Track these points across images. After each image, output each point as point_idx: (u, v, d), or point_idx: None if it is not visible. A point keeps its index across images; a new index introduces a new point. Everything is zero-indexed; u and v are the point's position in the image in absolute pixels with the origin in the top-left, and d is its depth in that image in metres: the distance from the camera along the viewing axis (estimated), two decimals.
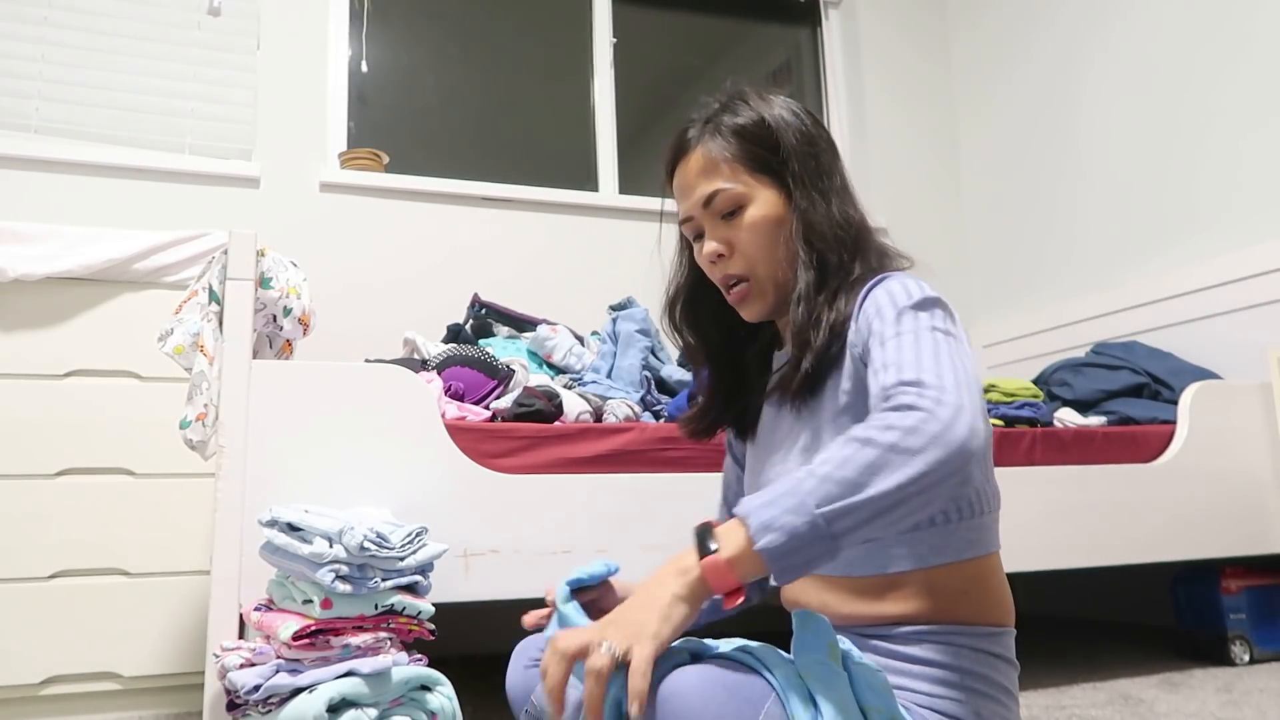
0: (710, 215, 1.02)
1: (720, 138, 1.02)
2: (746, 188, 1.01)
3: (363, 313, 2.76)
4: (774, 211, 1.01)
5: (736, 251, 1.01)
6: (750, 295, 1.03)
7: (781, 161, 1.01)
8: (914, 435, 0.73)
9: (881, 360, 0.84)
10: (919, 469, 0.72)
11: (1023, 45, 3.35)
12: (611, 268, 3.09)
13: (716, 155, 1.01)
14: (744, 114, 1.03)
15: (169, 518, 2.03)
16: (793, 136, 1.02)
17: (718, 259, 1.02)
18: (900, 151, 3.59)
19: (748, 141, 1.02)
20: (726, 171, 1.01)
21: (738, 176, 1.01)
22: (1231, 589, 2.19)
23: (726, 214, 1.01)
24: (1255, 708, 1.71)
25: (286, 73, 2.89)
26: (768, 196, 1.01)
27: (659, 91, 3.56)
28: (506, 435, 1.69)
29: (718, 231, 1.02)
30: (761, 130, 1.02)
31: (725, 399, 1.13)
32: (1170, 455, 2.14)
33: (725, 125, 1.02)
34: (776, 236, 1.00)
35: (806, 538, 0.72)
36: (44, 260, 2.01)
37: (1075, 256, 3.09)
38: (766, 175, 1.01)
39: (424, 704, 1.36)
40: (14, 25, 2.64)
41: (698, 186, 1.02)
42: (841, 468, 0.73)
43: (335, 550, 1.30)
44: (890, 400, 0.78)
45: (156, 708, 2.01)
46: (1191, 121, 2.70)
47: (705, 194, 1.01)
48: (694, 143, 1.04)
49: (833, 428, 0.95)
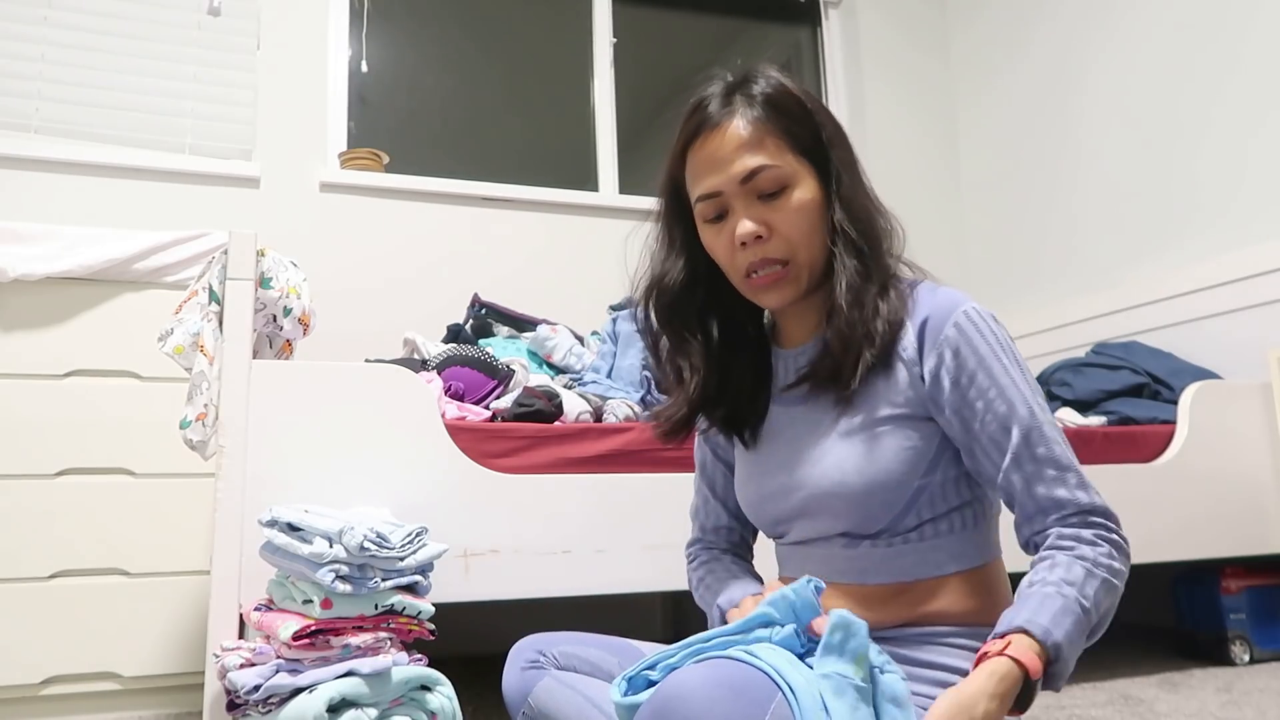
0: (746, 192, 0.94)
1: (758, 108, 0.95)
2: (791, 168, 0.95)
3: (363, 313, 2.75)
4: (816, 196, 0.96)
5: (776, 234, 0.94)
6: (784, 280, 0.96)
7: (824, 146, 0.97)
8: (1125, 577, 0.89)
9: (1050, 456, 0.89)
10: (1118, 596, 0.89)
11: (1022, 45, 3.35)
12: (611, 268, 3.08)
13: (759, 127, 0.94)
14: (774, 88, 0.97)
15: (169, 518, 2.03)
16: (830, 123, 0.99)
17: (754, 241, 0.94)
18: (900, 151, 3.59)
19: (789, 119, 0.96)
20: (772, 147, 0.94)
21: (783, 155, 0.94)
22: (1231, 589, 2.19)
23: (769, 194, 0.94)
24: (1255, 708, 1.71)
25: (286, 73, 2.89)
26: (809, 181, 0.96)
27: (659, 91, 3.56)
28: (506, 435, 1.69)
29: (754, 211, 0.94)
30: (802, 111, 0.97)
31: (708, 399, 1.05)
32: (1170, 455, 2.14)
33: (759, 96, 0.96)
34: (818, 222, 0.96)
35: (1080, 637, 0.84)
36: (44, 260, 2.01)
37: (1075, 256, 3.09)
38: (806, 158, 0.96)
39: (424, 704, 1.36)
40: (14, 25, 2.64)
41: (737, 159, 0.94)
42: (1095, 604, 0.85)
43: (335, 550, 1.30)
44: (1109, 537, 0.88)
45: (156, 708, 2.01)
46: (1191, 121, 2.70)
47: (748, 168, 0.93)
48: (725, 113, 0.95)
49: (870, 435, 0.93)
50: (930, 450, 0.93)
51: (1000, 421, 0.89)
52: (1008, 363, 0.91)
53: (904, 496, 0.92)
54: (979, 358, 0.91)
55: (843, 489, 0.93)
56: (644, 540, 1.68)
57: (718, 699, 0.72)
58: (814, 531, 0.99)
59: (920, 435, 0.93)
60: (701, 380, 1.05)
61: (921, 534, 0.93)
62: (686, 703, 0.72)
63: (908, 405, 0.93)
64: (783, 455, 1.01)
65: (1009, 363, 0.91)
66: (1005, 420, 0.89)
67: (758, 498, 1.04)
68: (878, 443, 0.93)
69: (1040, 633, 0.80)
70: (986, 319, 0.93)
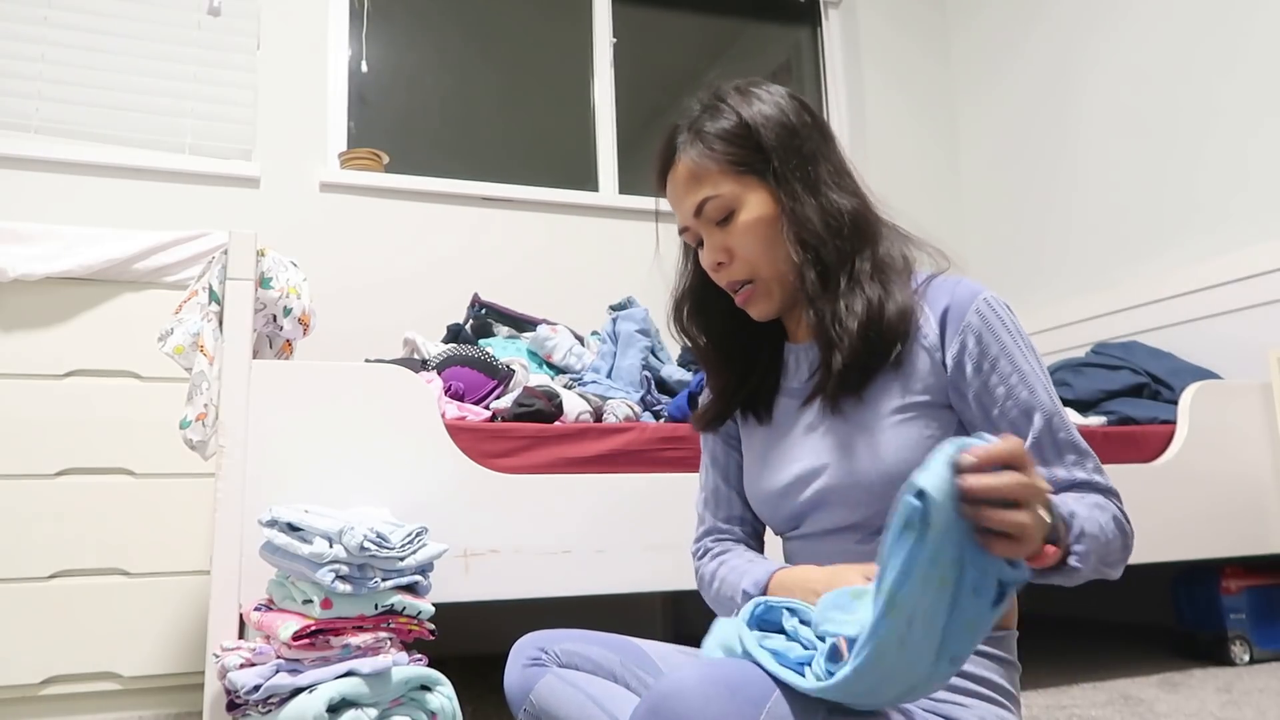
0: (704, 223, 1.01)
1: (701, 144, 1.00)
2: (734, 192, 0.99)
3: (363, 313, 2.75)
4: (766, 212, 0.99)
5: (736, 257, 1.00)
6: (756, 296, 1.02)
7: (764, 160, 0.99)
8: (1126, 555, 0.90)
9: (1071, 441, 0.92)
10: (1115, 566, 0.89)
11: (1022, 45, 3.35)
12: (611, 268, 3.09)
13: (700, 163, 1.00)
14: (724, 116, 1.00)
15: (169, 518, 2.03)
16: (772, 133, 0.99)
17: (718, 267, 1.01)
18: (900, 151, 3.59)
19: (729, 144, 0.99)
20: (713, 178, 0.99)
21: (724, 182, 0.99)
22: (1231, 589, 2.19)
23: (720, 220, 1.00)
24: (1255, 708, 1.71)
25: (286, 73, 2.89)
26: (758, 198, 0.99)
27: (659, 91, 3.56)
28: (506, 435, 1.69)
29: (714, 238, 1.01)
30: (742, 131, 0.99)
31: (734, 390, 1.11)
32: (1170, 455, 2.14)
33: (706, 130, 1.00)
34: (773, 236, 0.99)
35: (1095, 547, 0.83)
36: (44, 260, 2.01)
37: (1075, 256, 3.09)
38: (752, 176, 0.99)
39: (424, 704, 1.36)
40: (14, 25, 2.64)
41: (686, 197, 1.01)
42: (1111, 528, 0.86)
43: (335, 550, 1.30)
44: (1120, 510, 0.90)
45: (156, 708, 2.01)
46: (1191, 121, 2.70)
47: (695, 204, 1.00)
48: (678, 151, 1.02)
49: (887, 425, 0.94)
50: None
51: (1022, 407, 0.92)
52: (1027, 351, 0.94)
53: None
54: (1001, 344, 0.93)
55: (857, 479, 0.94)
56: (644, 540, 1.68)
57: (714, 697, 0.72)
58: (828, 524, 0.99)
59: (939, 424, 0.95)
60: (729, 373, 1.11)
61: None
62: (684, 701, 0.72)
63: (928, 393, 0.95)
64: (796, 449, 1.03)
65: (1028, 351, 0.94)
66: (1028, 406, 0.92)
67: (770, 491, 1.05)
68: (895, 432, 0.94)
69: (1066, 513, 0.80)
70: (1005, 308, 0.96)
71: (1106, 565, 0.86)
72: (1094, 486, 0.91)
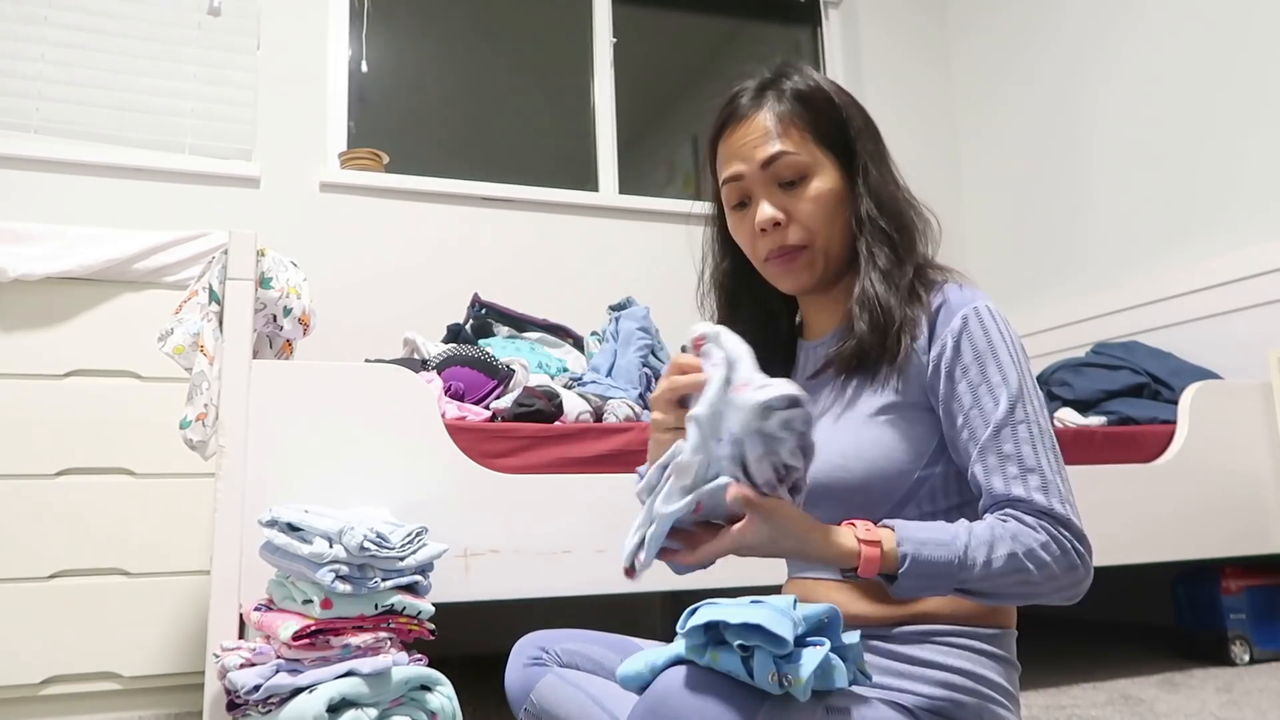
0: (767, 179, 0.98)
1: (786, 102, 0.99)
2: (812, 158, 0.98)
3: (363, 312, 2.75)
4: (837, 187, 0.99)
5: (795, 221, 0.98)
6: (801, 265, 0.99)
7: (850, 139, 1.00)
8: (1066, 584, 0.86)
9: (1016, 454, 0.88)
10: (1047, 596, 0.86)
11: (1022, 45, 3.35)
12: (611, 268, 3.09)
13: (784, 119, 0.98)
14: (805, 84, 1.00)
15: (169, 518, 2.03)
16: (858, 116, 1.01)
17: (773, 227, 0.98)
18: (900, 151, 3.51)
19: (815, 112, 0.99)
20: (795, 137, 0.98)
21: (805, 145, 0.98)
22: (1231, 589, 2.19)
23: (787, 182, 0.98)
24: (1255, 708, 1.71)
25: (286, 73, 2.89)
26: (831, 171, 0.99)
27: (659, 91, 3.56)
28: (506, 435, 1.69)
29: (775, 197, 0.98)
30: (827, 104, 1.00)
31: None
32: (1170, 455, 2.14)
33: (789, 91, 0.99)
34: (838, 212, 0.99)
35: (941, 575, 0.83)
36: (44, 260, 2.01)
37: (1075, 257, 3.09)
38: (830, 150, 0.99)
39: (424, 704, 1.36)
40: (14, 25, 2.64)
41: (762, 146, 0.97)
42: (1002, 562, 0.83)
43: (335, 550, 1.30)
44: (1055, 536, 0.85)
45: (156, 708, 2.01)
46: (1191, 121, 2.70)
47: (768, 154, 0.97)
48: (754, 105, 0.99)
49: (872, 423, 0.95)
50: (933, 442, 0.95)
51: (982, 417, 0.90)
52: (1005, 362, 0.91)
53: (904, 485, 0.93)
54: (976, 353, 0.92)
55: (845, 474, 0.95)
56: None
57: (710, 695, 0.73)
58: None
59: (925, 425, 0.95)
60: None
61: None
62: (682, 699, 0.73)
63: (913, 394, 0.95)
64: None
65: (1007, 362, 0.91)
66: (986, 415, 0.90)
67: None
68: (882, 430, 0.95)
69: (902, 532, 0.83)
70: (996, 318, 0.94)
71: (993, 596, 0.85)
72: (1030, 505, 0.86)
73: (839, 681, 0.76)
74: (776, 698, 0.74)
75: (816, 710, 0.77)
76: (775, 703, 0.74)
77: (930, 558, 0.82)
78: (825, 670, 0.74)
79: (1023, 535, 0.84)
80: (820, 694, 0.77)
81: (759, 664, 0.73)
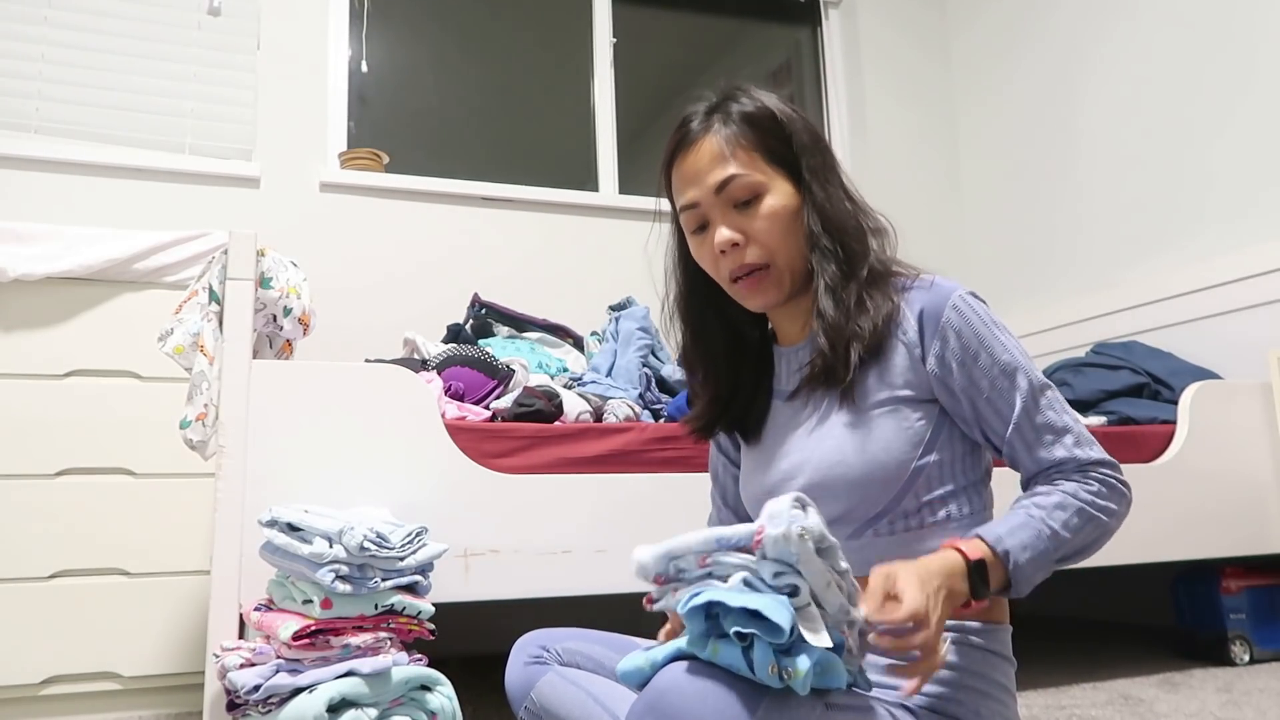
0: (722, 202, 1.00)
1: (733, 125, 1.00)
2: (764, 176, 0.99)
3: (363, 312, 2.75)
4: (790, 202, 1.00)
5: (753, 241, 0.99)
6: (766, 284, 1.01)
7: (795, 154, 1.01)
8: (1124, 513, 0.96)
9: (1046, 422, 0.95)
10: (1115, 531, 0.96)
11: (1023, 45, 3.35)
12: (611, 268, 3.09)
13: (731, 142, 1.00)
14: (752, 105, 1.02)
15: (169, 518, 2.03)
16: (803, 132, 1.02)
17: (731, 248, 0.99)
18: (900, 151, 3.59)
19: (761, 131, 1.00)
20: (743, 158, 0.99)
21: (754, 165, 0.99)
22: (1231, 589, 2.19)
23: (741, 203, 0.99)
24: (1255, 708, 1.71)
25: (286, 73, 2.89)
26: (783, 187, 1.00)
27: (659, 91, 3.56)
28: (506, 435, 1.69)
29: (731, 219, 1.00)
30: (772, 122, 1.01)
31: (728, 398, 1.11)
32: (1170, 455, 2.14)
33: (735, 114, 1.01)
34: (793, 228, 1.00)
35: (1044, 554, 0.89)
36: (44, 260, 2.01)
37: (1075, 256, 3.09)
38: (780, 167, 1.01)
39: (424, 704, 1.36)
40: (14, 25, 2.64)
41: (711, 172, 0.99)
42: (1077, 520, 0.91)
43: (335, 550, 1.30)
44: (1102, 479, 0.95)
45: (156, 708, 2.01)
46: (1191, 121, 2.70)
47: (719, 179, 0.99)
48: (702, 130, 1.01)
49: (868, 418, 0.97)
50: (928, 431, 0.97)
51: (1004, 396, 0.95)
52: (1005, 339, 0.97)
53: (903, 476, 0.95)
54: (979, 338, 0.96)
55: (843, 469, 0.96)
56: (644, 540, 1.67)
57: (709, 692, 0.73)
58: None
59: (919, 416, 0.97)
60: (722, 380, 1.11)
61: (921, 519, 0.95)
62: (681, 696, 0.73)
63: (907, 387, 0.97)
64: (785, 446, 1.04)
65: (1005, 339, 0.97)
66: (1008, 394, 0.95)
67: (762, 490, 1.05)
68: (877, 424, 0.96)
69: (992, 539, 0.87)
70: (977, 302, 0.99)
71: (1080, 554, 0.93)
72: (1074, 463, 0.94)
73: (838, 680, 0.76)
74: (777, 692, 0.74)
75: (816, 707, 0.77)
76: (775, 697, 0.74)
77: (1025, 543, 0.88)
78: (824, 666, 0.74)
79: (1080, 493, 0.92)
80: (820, 691, 0.77)
81: (759, 657, 0.73)
